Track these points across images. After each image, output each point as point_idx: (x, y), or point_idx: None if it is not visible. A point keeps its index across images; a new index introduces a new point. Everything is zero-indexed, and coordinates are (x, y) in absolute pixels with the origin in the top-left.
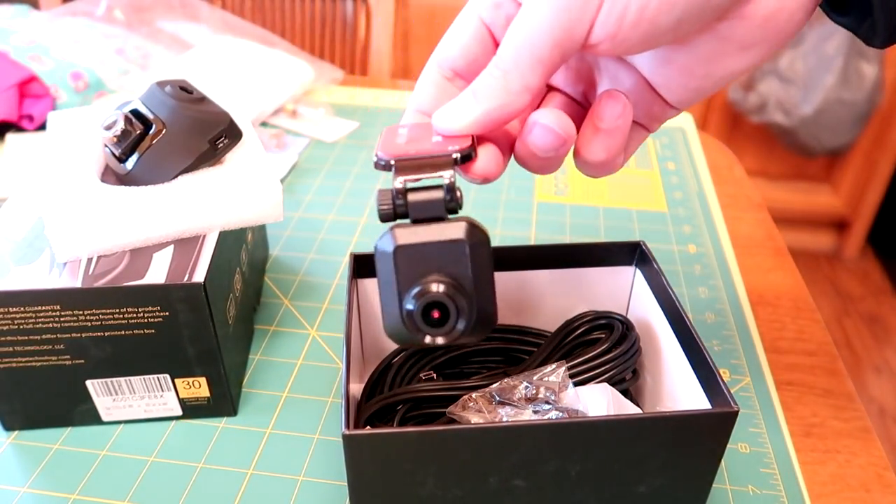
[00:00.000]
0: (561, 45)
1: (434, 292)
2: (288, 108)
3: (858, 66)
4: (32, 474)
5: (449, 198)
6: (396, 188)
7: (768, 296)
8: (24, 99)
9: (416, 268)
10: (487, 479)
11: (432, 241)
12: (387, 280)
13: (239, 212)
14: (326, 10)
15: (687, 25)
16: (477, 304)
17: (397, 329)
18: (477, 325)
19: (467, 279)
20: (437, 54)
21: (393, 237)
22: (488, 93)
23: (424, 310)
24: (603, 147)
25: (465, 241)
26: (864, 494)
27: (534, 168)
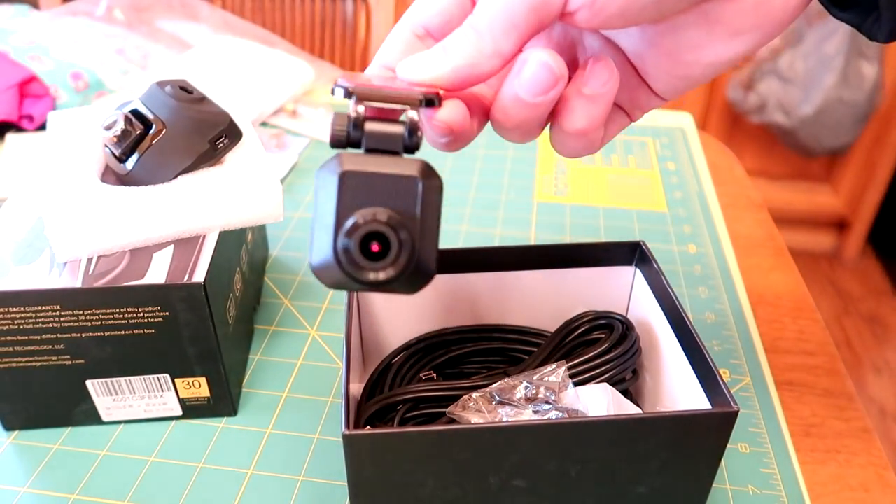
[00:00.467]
0: (537, 10)
1: (377, 221)
2: (288, 108)
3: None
4: (32, 474)
5: (409, 135)
6: (355, 114)
7: (768, 296)
8: (24, 99)
9: (361, 198)
10: (487, 479)
11: (383, 173)
12: (325, 207)
13: (239, 212)
14: (326, 10)
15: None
16: (419, 249)
17: (327, 262)
18: (415, 274)
19: (414, 219)
20: (411, 12)
21: (340, 162)
22: (459, 50)
23: (364, 240)
24: (585, 114)
25: (419, 178)
26: (864, 494)
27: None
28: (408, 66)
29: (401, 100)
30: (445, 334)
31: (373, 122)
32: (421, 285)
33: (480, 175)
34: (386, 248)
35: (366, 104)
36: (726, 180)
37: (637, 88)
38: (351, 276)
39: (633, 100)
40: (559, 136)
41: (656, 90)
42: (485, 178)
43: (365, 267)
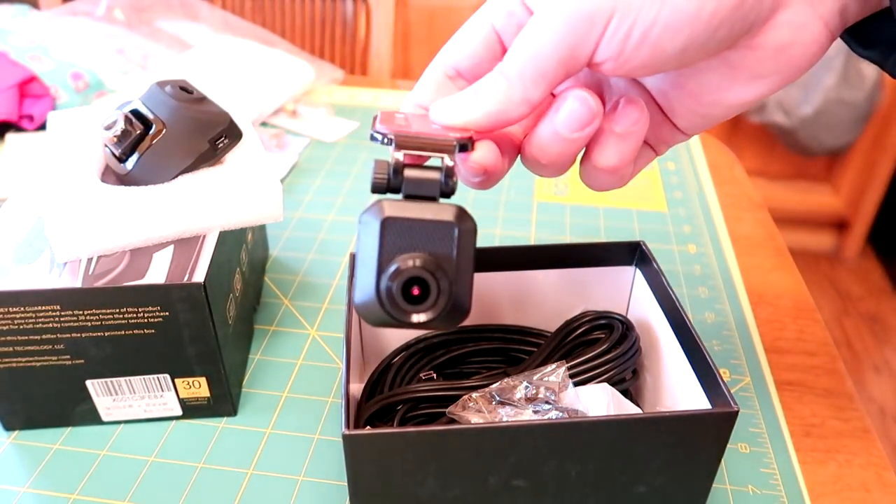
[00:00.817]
0: (565, 62)
1: (419, 266)
2: (288, 108)
3: (858, 66)
4: (32, 474)
5: (445, 181)
6: (395, 161)
7: (768, 296)
8: (24, 99)
9: (401, 242)
10: (487, 479)
11: (421, 219)
12: (368, 251)
13: (239, 212)
14: (326, 10)
15: (693, 52)
16: (455, 290)
17: (369, 302)
18: (452, 312)
19: (450, 263)
20: (443, 53)
21: (381, 209)
22: (489, 95)
23: (405, 284)
24: (616, 151)
25: (455, 223)
26: (864, 494)
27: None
28: (441, 110)
29: (437, 147)
30: (445, 334)
31: (411, 169)
32: (458, 321)
33: None
34: (425, 291)
35: (405, 152)
36: (726, 180)
37: (662, 125)
38: (392, 316)
39: (659, 136)
40: (590, 172)
41: (680, 127)
42: None
43: (406, 310)
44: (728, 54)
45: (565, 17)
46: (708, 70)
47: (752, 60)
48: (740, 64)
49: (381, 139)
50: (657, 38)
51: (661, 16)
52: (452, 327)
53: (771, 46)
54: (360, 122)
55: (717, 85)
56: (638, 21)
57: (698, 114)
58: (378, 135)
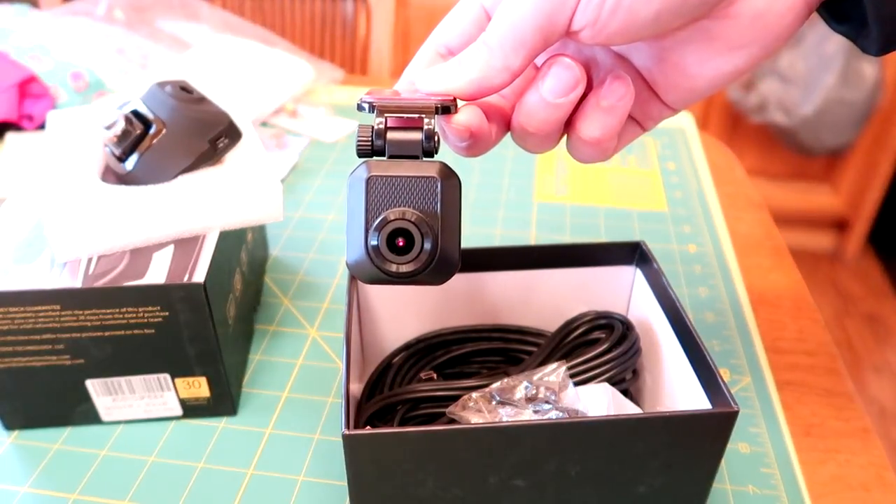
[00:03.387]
0: (543, 29)
1: (401, 218)
2: (288, 108)
3: (858, 66)
4: (32, 474)
5: (426, 139)
6: (377, 126)
7: (768, 296)
8: (24, 99)
9: (386, 198)
10: (487, 479)
11: (405, 175)
12: (356, 209)
13: (239, 212)
14: (326, 10)
15: (667, 18)
16: (441, 242)
17: (360, 259)
18: (440, 265)
19: (435, 216)
20: (435, 33)
21: (367, 167)
22: (472, 64)
23: (390, 236)
24: (600, 124)
25: (437, 177)
26: (864, 494)
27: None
28: (426, 78)
29: (417, 109)
30: (445, 334)
31: (394, 132)
32: (447, 276)
33: (480, 175)
34: (410, 242)
35: (386, 116)
36: (726, 180)
37: (648, 100)
38: (381, 269)
39: (645, 111)
40: (575, 144)
41: (666, 101)
42: (485, 178)
43: (392, 261)
44: (706, 24)
45: None
46: (688, 41)
47: (730, 30)
48: (718, 34)
49: (366, 108)
50: (631, 3)
51: None
52: (442, 281)
53: (747, 15)
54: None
55: (697, 57)
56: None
57: (683, 87)
58: (364, 104)
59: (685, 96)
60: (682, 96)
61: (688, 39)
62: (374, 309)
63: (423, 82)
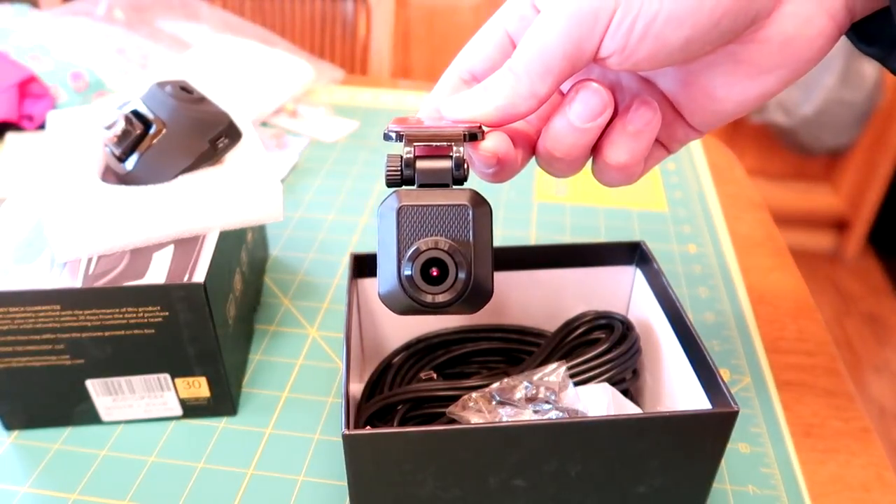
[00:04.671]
0: (571, 57)
1: (435, 248)
2: (288, 108)
3: (858, 66)
4: (32, 474)
5: (455, 168)
6: (405, 156)
7: (768, 296)
8: (24, 99)
9: (418, 228)
10: (487, 479)
11: (436, 204)
12: (387, 239)
13: (239, 212)
14: (326, 10)
15: (697, 44)
16: (475, 270)
17: (393, 290)
18: (473, 294)
19: (468, 244)
20: (459, 59)
21: (398, 197)
22: (498, 90)
23: (424, 266)
24: (627, 149)
25: (469, 205)
26: (864, 494)
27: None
28: (451, 105)
29: (445, 137)
30: (445, 334)
31: (423, 160)
32: (480, 305)
33: None
34: (444, 272)
35: (415, 145)
36: (726, 180)
37: (674, 123)
38: (415, 299)
39: (671, 134)
40: (602, 169)
41: (692, 124)
42: None
43: (426, 291)
44: (734, 49)
45: (570, 13)
46: (715, 65)
47: (758, 54)
48: (747, 58)
49: (394, 137)
50: (660, 31)
51: (663, 8)
52: (476, 310)
53: (776, 40)
54: (360, 122)
55: (725, 81)
56: (641, 14)
57: (709, 111)
58: (391, 133)
59: (711, 119)
60: (708, 119)
61: (715, 63)
62: (374, 309)
63: (448, 109)
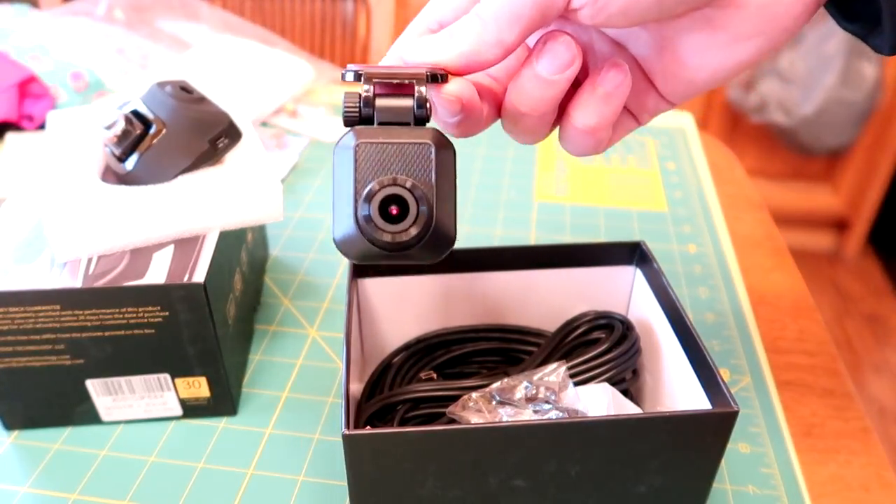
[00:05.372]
0: (540, 5)
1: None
2: (288, 108)
3: (858, 66)
4: (32, 474)
5: (417, 106)
6: (364, 94)
7: (768, 296)
8: (24, 99)
9: (377, 167)
10: (487, 479)
11: (396, 142)
12: (343, 180)
13: (239, 212)
14: (326, 10)
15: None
16: (437, 212)
17: (349, 234)
18: (435, 237)
19: (430, 185)
20: (427, 8)
21: (355, 135)
22: (463, 36)
23: (382, 203)
24: (596, 112)
25: (431, 143)
26: (864, 494)
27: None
28: (414, 49)
29: (407, 76)
30: (445, 334)
31: (383, 98)
32: (442, 251)
33: (480, 175)
34: (404, 210)
35: (374, 82)
36: (726, 180)
37: (645, 92)
38: (374, 241)
39: (642, 103)
40: (569, 133)
41: (664, 94)
42: (485, 178)
43: (386, 230)
44: (710, 13)
45: None
46: (691, 30)
47: (735, 20)
48: (722, 24)
49: (353, 77)
50: None
51: None
52: (438, 257)
53: (753, 4)
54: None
55: (700, 47)
56: None
57: (682, 79)
58: (350, 73)
59: (684, 89)
60: (680, 89)
61: (690, 28)
62: (374, 309)
63: (411, 53)
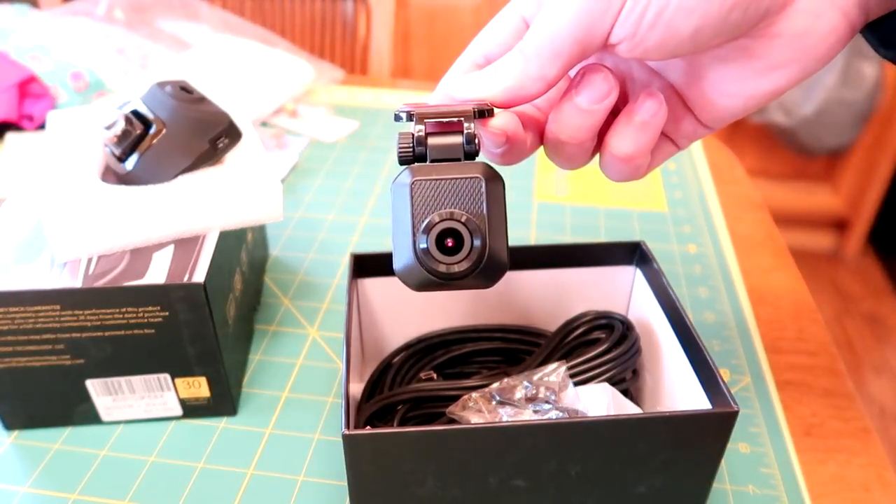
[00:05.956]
0: (581, 42)
1: (449, 218)
2: (288, 108)
3: (858, 66)
4: (32, 474)
5: (467, 142)
6: (416, 133)
7: (768, 296)
8: (24, 99)
9: (432, 201)
10: (487, 479)
11: (449, 178)
12: (401, 215)
13: (239, 212)
14: (326, 10)
15: (706, 35)
16: (490, 241)
17: (408, 264)
18: (489, 265)
19: (482, 216)
20: (474, 44)
21: (410, 172)
22: (508, 72)
23: (439, 237)
24: (632, 140)
25: (482, 177)
26: (864, 494)
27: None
28: (462, 85)
29: (456, 114)
30: (445, 334)
31: (434, 137)
32: (496, 278)
33: None
34: (459, 242)
35: (426, 122)
36: (726, 180)
37: (683, 118)
38: (432, 271)
39: (679, 129)
40: (608, 161)
41: (701, 120)
42: None
43: (442, 261)
44: (746, 43)
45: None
46: (726, 60)
47: (770, 49)
48: (758, 53)
49: (405, 117)
50: (671, 19)
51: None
52: (492, 284)
53: (788, 35)
54: (360, 122)
55: (735, 76)
56: (652, 2)
57: (718, 106)
58: (402, 113)
59: (721, 115)
60: (717, 115)
61: (725, 58)
62: (374, 309)
63: (458, 89)
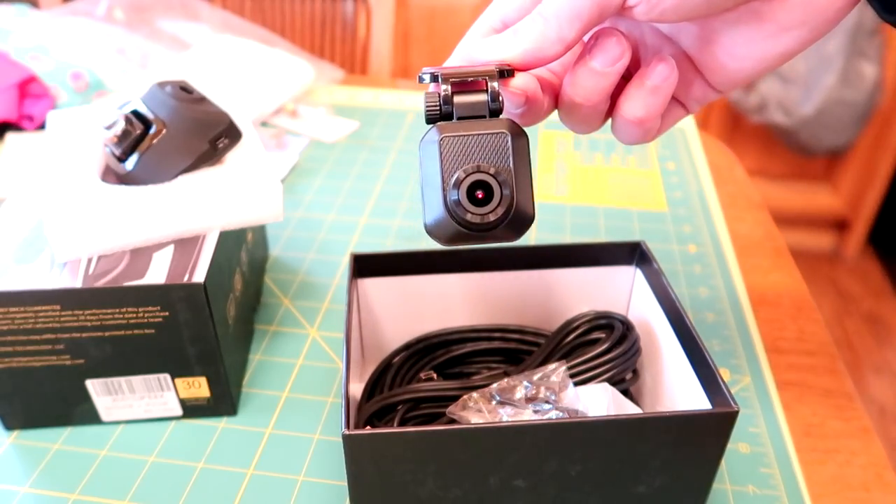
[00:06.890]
0: (600, 4)
1: (479, 171)
2: (288, 108)
3: (858, 66)
4: (32, 474)
5: (492, 100)
6: (443, 92)
7: (768, 296)
8: (24, 99)
9: (460, 156)
10: (487, 479)
11: (476, 133)
12: (431, 171)
13: (239, 212)
14: (326, 10)
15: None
16: (517, 195)
17: (440, 218)
18: (517, 217)
19: (509, 170)
20: (492, 8)
21: (438, 130)
22: (527, 34)
23: (470, 189)
24: (643, 104)
25: (507, 132)
26: (864, 494)
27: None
28: (481, 47)
29: (480, 73)
30: (445, 334)
31: (460, 95)
32: (524, 229)
33: None
34: (489, 194)
35: (451, 81)
36: (726, 180)
37: (693, 82)
38: (462, 223)
39: (690, 93)
40: (619, 124)
41: (712, 84)
42: None
43: (474, 212)
44: (757, 5)
45: None
46: (737, 23)
47: (781, 11)
48: (769, 16)
49: (429, 78)
50: None
51: None
52: (520, 235)
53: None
54: (360, 122)
55: (745, 39)
56: None
57: (729, 69)
58: (426, 75)
59: (731, 79)
60: (727, 79)
61: (736, 21)
62: (374, 309)
63: (478, 51)
